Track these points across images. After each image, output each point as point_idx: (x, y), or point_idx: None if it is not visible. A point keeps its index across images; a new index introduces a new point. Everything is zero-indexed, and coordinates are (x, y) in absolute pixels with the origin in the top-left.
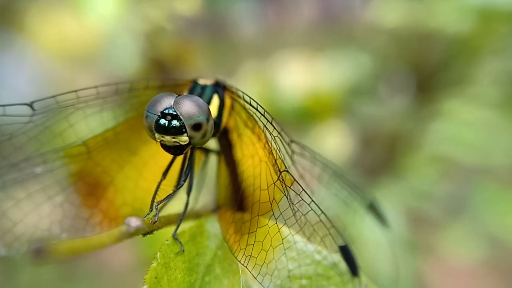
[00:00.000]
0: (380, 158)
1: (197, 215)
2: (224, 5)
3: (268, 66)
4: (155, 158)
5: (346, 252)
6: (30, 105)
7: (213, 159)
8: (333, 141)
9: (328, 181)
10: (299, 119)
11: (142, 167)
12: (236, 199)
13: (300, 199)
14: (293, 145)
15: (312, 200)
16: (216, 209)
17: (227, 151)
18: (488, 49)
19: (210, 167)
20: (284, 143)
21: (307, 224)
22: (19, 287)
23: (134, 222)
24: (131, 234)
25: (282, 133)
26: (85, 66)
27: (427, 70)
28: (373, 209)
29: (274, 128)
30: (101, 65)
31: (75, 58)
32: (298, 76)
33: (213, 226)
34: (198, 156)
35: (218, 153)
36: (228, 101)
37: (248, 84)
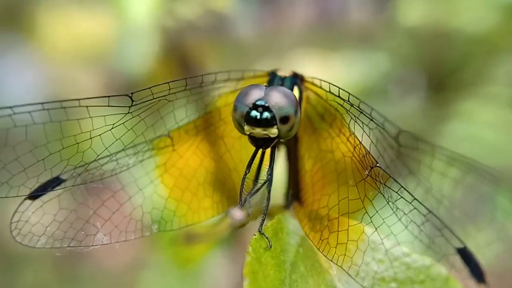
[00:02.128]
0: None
1: (268, 212)
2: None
3: (282, 64)
4: (231, 152)
5: (466, 256)
6: (130, 96)
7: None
8: None
9: (457, 176)
10: None
11: (219, 160)
12: (314, 195)
13: (400, 197)
14: (403, 136)
15: (415, 199)
16: (289, 205)
17: (295, 145)
18: (505, 49)
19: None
20: (386, 135)
21: (412, 224)
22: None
23: (237, 214)
24: (233, 226)
25: (385, 123)
26: (96, 66)
27: (441, 71)
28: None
29: (372, 119)
30: (112, 64)
31: (85, 58)
32: (312, 75)
33: (291, 223)
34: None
35: (287, 147)
36: (305, 94)
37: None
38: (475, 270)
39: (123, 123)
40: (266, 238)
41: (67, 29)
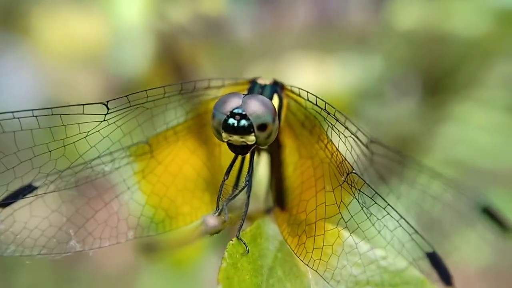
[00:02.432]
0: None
1: (249, 217)
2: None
3: (277, 67)
4: (212, 158)
5: (435, 260)
6: (106, 104)
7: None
8: (341, 144)
9: (424, 183)
10: None
11: (201, 167)
12: (294, 200)
13: (374, 202)
14: (374, 146)
15: (388, 204)
16: (270, 210)
17: (278, 151)
18: (499, 52)
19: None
20: (359, 143)
21: (385, 229)
22: None
23: (211, 221)
24: (208, 232)
25: (358, 133)
26: (91, 68)
27: (436, 74)
28: (489, 213)
29: (346, 128)
30: (108, 66)
31: (81, 59)
32: (308, 78)
33: (270, 228)
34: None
35: (270, 153)
36: (285, 101)
37: None
38: (443, 274)
39: (98, 131)
40: (244, 243)
41: (62, 30)
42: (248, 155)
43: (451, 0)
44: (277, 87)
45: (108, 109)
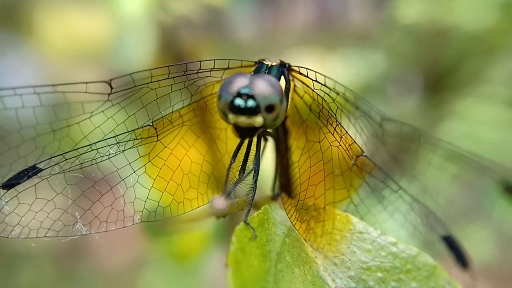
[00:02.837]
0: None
1: (255, 204)
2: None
3: None
4: (218, 143)
5: (451, 243)
6: (109, 83)
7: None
8: None
9: (442, 163)
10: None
11: (206, 151)
12: (302, 186)
13: (386, 186)
14: (387, 124)
15: (400, 188)
16: (277, 196)
17: (284, 136)
18: (503, 47)
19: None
20: (372, 122)
21: (398, 213)
22: (19, 286)
23: (219, 203)
24: (214, 214)
25: (371, 112)
26: (94, 65)
27: (439, 70)
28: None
29: (358, 108)
30: (110, 63)
31: (83, 56)
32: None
33: (277, 213)
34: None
35: (275, 138)
36: (292, 83)
37: None
38: (460, 257)
39: (102, 111)
40: (251, 228)
41: (65, 28)
42: (255, 139)
43: None
44: (284, 68)
45: (111, 88)
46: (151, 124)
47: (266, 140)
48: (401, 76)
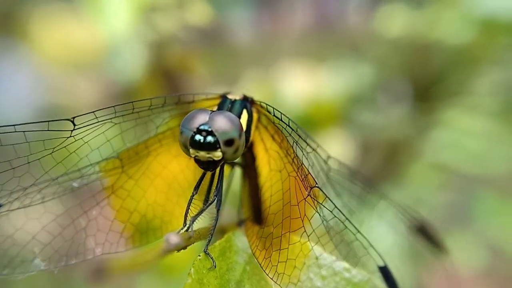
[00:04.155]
0: (380, 166)
1: (222, 229)
2: (225, 12)
3: (270, 74)
4: (184, 172)
5: (386, 273)
6: (72, 120)
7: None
8: (334, 149)
9: (370, 200)
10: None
11: (172, 181)
12: (264, 213)
13: (333, 216)
14: (331, 161)
15: (347, 218)
16: (241, 222)
17: (252, 164)
18: (487, 60)
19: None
20: (320, 159)
21: (343, 243)
22: None
23: (173, 239)
24: (170, 250)
25: (318, 149)
26: (88, 73)
27: (426, 80)
28: (424, 232)
29: (308, 144)
30: (104, 72)
31: (77, 65)
32: (300, 85)
33: (240, 240)
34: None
35: (243, 166)
36: (255, 116)
37: (251, 92)
38: (392, 287)
39: (65, 147)
40: (211, 258)
41: (59, 36)
42: (217, 170)
43: (437, 9)
44: (246, 102)
45: (74, 125)
46: (115, 156)
47: (233, 166)
48: (390, 86)
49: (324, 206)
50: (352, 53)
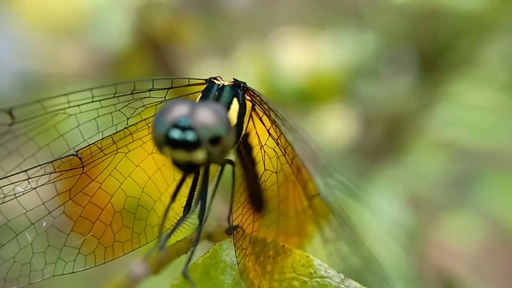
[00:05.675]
0: (382, 142)
1: (209, 238)
2: None
3: (266, 44)
4: (162, 171)
5: None
6: (9, 112)
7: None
8: (334, 125)
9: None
10: (299, 101)
11: (146, 183)
12: (253, 225)
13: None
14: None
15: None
16: (231, 231)
17: (246, 160)
18: (498, 27)
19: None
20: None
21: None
22: None
23: (139, 270)
24: (136, 282)
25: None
26: (71, 38)
27: (433, 50)
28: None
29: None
30: (88, 37)
31: (60, 29)
32: (299, 56)
33: (228, 254)
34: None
35: (234, 163)
36: (248, 105)
37: (246, 63)
38: None
39: (1, 144)
40: (191, 282)
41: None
42: (202, 170)
43: None
44: (238, 89)
45: (13, 118)
46: (74, 153)
47: (221, 166)
48: (394, 56)
49: (329, 222)
50: (354, 20)
